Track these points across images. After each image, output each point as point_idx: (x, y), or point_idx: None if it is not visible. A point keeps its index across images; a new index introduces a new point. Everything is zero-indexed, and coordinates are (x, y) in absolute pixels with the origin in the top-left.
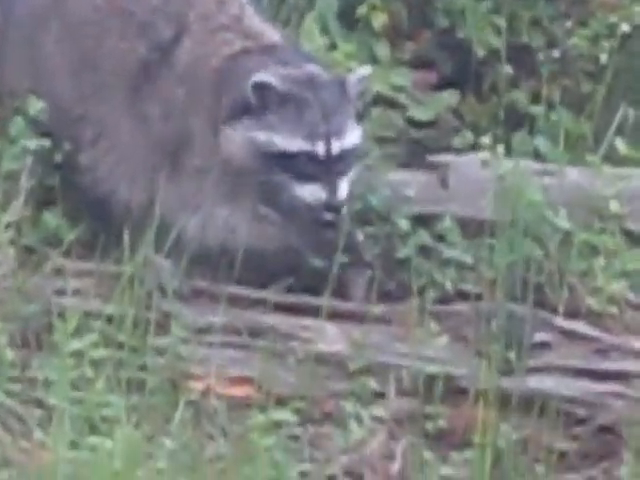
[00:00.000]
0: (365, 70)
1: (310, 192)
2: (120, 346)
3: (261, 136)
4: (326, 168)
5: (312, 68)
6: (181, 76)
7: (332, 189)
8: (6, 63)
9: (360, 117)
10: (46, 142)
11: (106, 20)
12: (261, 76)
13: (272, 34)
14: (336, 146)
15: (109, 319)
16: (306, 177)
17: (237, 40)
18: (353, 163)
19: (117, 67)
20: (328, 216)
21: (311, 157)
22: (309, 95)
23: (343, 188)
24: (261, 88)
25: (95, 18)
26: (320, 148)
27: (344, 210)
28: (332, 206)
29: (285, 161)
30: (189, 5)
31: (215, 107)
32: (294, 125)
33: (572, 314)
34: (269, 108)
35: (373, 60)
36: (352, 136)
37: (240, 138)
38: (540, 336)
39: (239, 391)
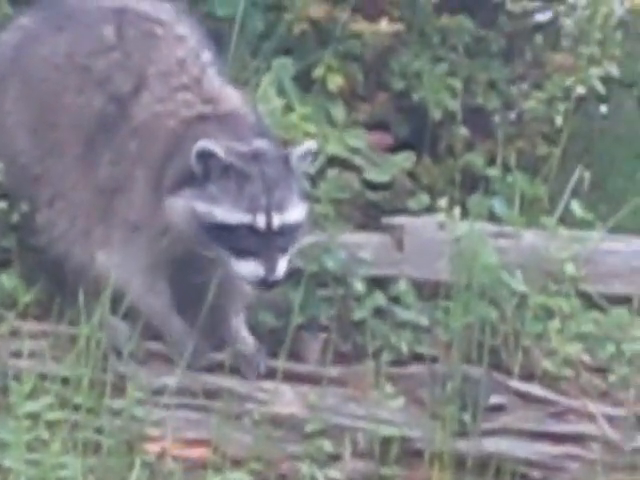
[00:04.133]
0: (311, 144)
1: (248, 268)
2: (76, 408)
3: (202, 207)
4: (266, 243)
5: (259, 143)
6: (136, 130)
7: (270, 266)
8: None
9: (305, 193)
10: (2, 203)
11: (64, 77)
12: (205, 144)
13: (231, 98)
14: (277, 220)
15: (65, 381)
16: (245, 252)
17: (196, 103)
18: (295, 239)
19: (74, 122)
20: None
21: (251, 230)
22: (252, 168)
23: (282, 265)
24: (204, 156)
25: (53, 75)
26: (261, 221)
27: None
28: (268, 283)
29: (225, 234)
30: (149, 61)
31: (162, 170)
32: (235, 197)
33: (527, 377)
34: (211, 179)
35: (329, 122)
36: (294, 211)
37: (181, 207)
38: (495, 398)
39: (195, 453)
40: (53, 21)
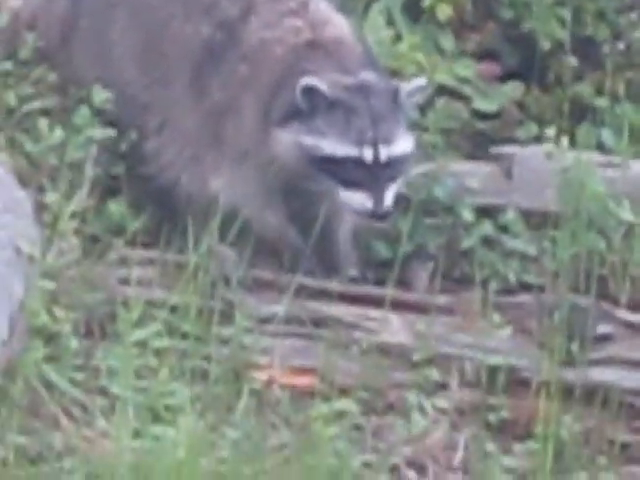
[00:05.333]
0: (421, 81)
1: (356, 199)
2: (184, 336)
3: (309, 140)
4: (373, 175)
5: (366, 74)
6: (245, 55)
7: (379, 197)
8: (74, 52)
9: (412, 125)
10: (111, 132)
11: (171, 5)
12: (310, 80)
13: (338, 25)
14: (384, 152)
15: (173, 309)
16: (353, 184)
17: (303, 29)
18: (403, 171)
19: (182, 50)
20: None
21: (358, 163)
22: (358, 101)
23: (389, 196)
24: (310, 93)
25: (160, 4)
26: (368, 154)
27: (390, 218)
28: (378, 215)
29: (332, 166)
30: None
31: (270, 99)
32: (342, 130)
33: (635, 306)
34: (318, 113)
35: (438, 51)
36: (401, 144)
37: (288, 141)
38: (603, 328)
39: (302, 381)
40: None
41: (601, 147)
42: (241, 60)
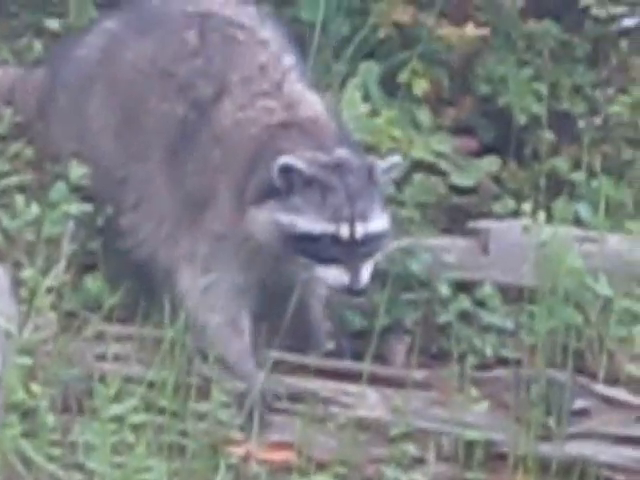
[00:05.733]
0: (396, 158)
1: (332, 275)
2: (161, 411)
3: (285, 218)
4: (350, 252)
5: (342, 152)
6: (219, 137)
7: (355, 273)
8: (52, 126)
9: (387, 202)
10: (88, 207)
11: (148, 82)
12: (287, 159)
13: (312, 104)
14: (360, 230)
15: (150, 384)
16: (329, 260)
17: (277, 109)
18: (379, 248)
19: (157, 128)
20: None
21: (335, 240)
22: (335, 179)
23: (365, 273)
24: (287, 171)
25: (138, 81)
26: (344, 231)
27: (366, 293)
28: (354, 291)
29: (308, 244)
30: (231, 67)
31: (244, 180)
32: (318, 208)
33: (612, 381)
34: (294, 191)
35: (415, 126)
36: (377, 221)
37: (264, 220)
38: (580, 403)
39: (279, 456)
40: (137, 25)
41: (578, 221)
42: (214, 143)
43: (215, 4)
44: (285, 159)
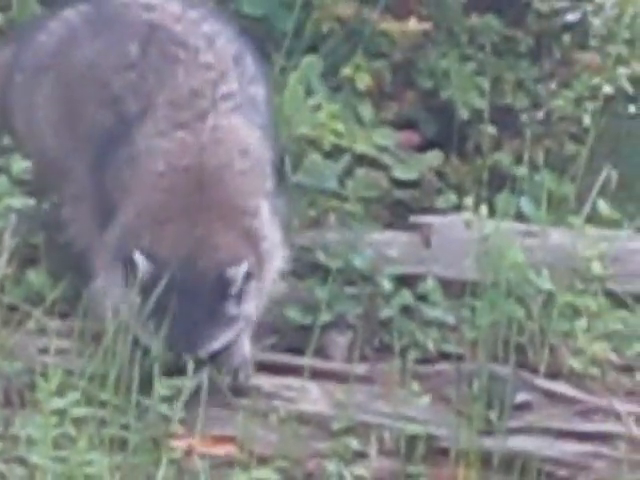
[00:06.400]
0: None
1: None
2: (103, 404)
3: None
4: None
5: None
6: (133, 159)
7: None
8: (9, 105)
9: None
10: (30, 200)
11: (88, 87)
12: (137, 257)
13: (233, 143)
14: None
15: (91, 378)
16: None
17: (189, 149)
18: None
19: (90, 132)
20: None
21: None
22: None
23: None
24: (133, 265)
25: (80, 83)
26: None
27: None
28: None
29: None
30: (162, 87)
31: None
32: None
33: (554, 375)
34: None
35: (357, 120)
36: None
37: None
38: (522, 397)
39: (221, 450)
40: (94, 23)
41: (520, 216)
42: (128, 163)
43: (169, 17)
44: (136, 256)
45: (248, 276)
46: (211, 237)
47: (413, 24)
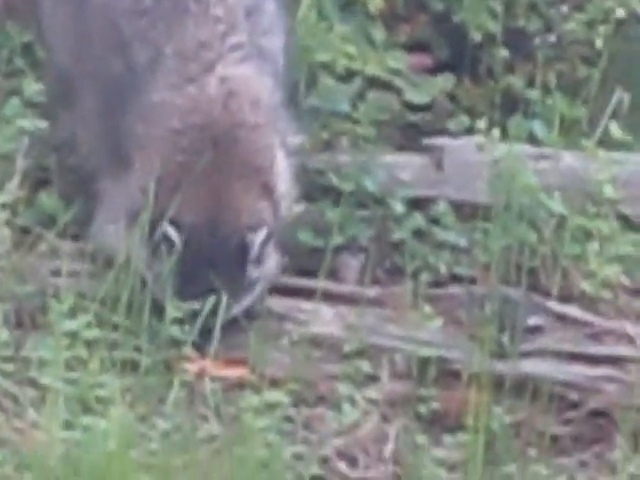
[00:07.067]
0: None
1: None
2: (114, 327)
3: None
4: None
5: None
6: (144, 115)
7: None
8: (39, 14)
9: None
10: (42, 123)
11: (101, 28)
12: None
13: (245, 93)
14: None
15: (103, 301)
16: None
17: (197, 106)
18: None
19: (99, 75)
20: None
21: None
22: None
23: None
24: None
25: (95, 22)
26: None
27: None
28: None
29: None
30: (169, 36)
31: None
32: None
33: (566, 298)
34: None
35: (369, 43)
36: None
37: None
38: (533, 320)
39: (233, 373)
40: None
41: (532, 139)
42: (140, 118)
43: None
44: (169, 230)
45: (267, 237)
46: (231, 201)
47: None
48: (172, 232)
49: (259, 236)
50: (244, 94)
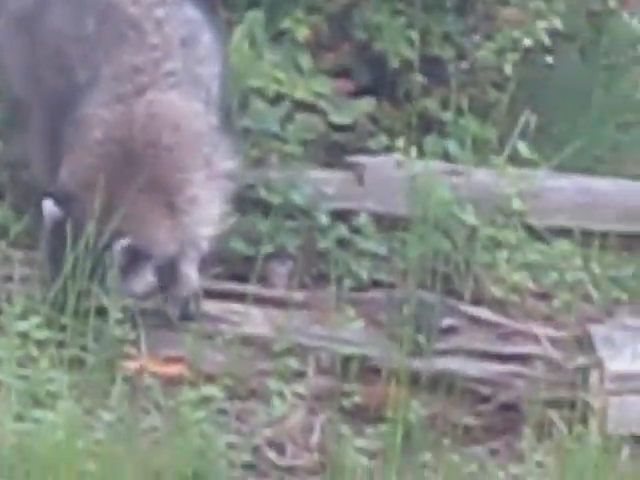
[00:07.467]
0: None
1: None
2: (62, 328)
3: None
4: None
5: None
6: (78, 123)
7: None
8: None
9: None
10: None
11: (52, 52)
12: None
13: (168, 119)
14: None
15: (52, 303)
16: None
17: (121, 125)
18: None
19: (49, 93)
20: None
21: None
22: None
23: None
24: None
25: (46, 44)
26: None
27: None
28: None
29: None
30: (108, 60)
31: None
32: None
33: (477, 302)
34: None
35: (297, 69)
36: None
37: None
38: (448, 321)
39: (171, 369)
40: None
41: (446, 156)
42: (74, 126)
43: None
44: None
45: (135, 254)
46: (123, 207)
47: None
48: (47, 207)
49: (121, 244)
50: (164, 117)
